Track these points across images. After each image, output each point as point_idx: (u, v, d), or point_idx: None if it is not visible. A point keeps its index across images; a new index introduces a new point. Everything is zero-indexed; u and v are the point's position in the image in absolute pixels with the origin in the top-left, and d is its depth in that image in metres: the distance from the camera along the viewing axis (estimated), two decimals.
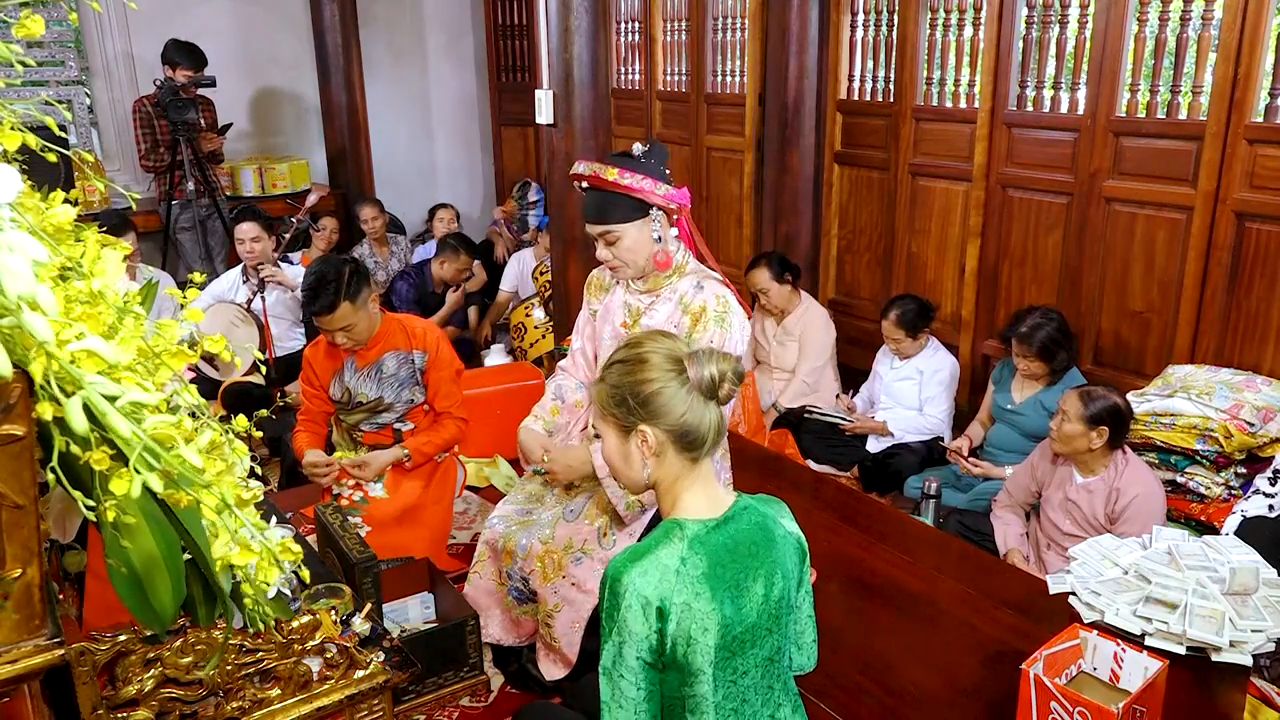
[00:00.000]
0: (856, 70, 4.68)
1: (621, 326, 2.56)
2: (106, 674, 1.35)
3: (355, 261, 3.05)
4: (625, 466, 1.58)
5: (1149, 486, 2.82)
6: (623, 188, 2.35)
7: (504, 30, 6.91)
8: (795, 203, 4.66)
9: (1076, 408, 2.82)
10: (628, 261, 2.45)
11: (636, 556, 1.47)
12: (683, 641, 1.46)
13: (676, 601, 1.45)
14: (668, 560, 1.46)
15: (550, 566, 2.51)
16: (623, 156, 2.42)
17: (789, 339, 4.34)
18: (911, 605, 2.38)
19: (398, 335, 3.10)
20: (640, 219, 2.40)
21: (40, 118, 1.23)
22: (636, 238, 2.41)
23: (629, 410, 1.52)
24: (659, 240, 2.43)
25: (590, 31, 3.43)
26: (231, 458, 1.22)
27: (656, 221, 2.42)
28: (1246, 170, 3.25)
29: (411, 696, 2.53)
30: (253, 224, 4.43)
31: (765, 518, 1.58)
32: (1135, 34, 3.53)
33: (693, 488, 1.56)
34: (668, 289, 2.50)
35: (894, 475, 3.82)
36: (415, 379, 3.12)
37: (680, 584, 1.45)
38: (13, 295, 0.85)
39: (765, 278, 4.23)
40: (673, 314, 2.47)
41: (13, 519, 1.05)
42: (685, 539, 1.49)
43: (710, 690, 1.49)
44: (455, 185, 7.08)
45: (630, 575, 1.45)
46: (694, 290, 2.46)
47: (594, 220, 2.43)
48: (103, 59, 5.66)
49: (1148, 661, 1.76)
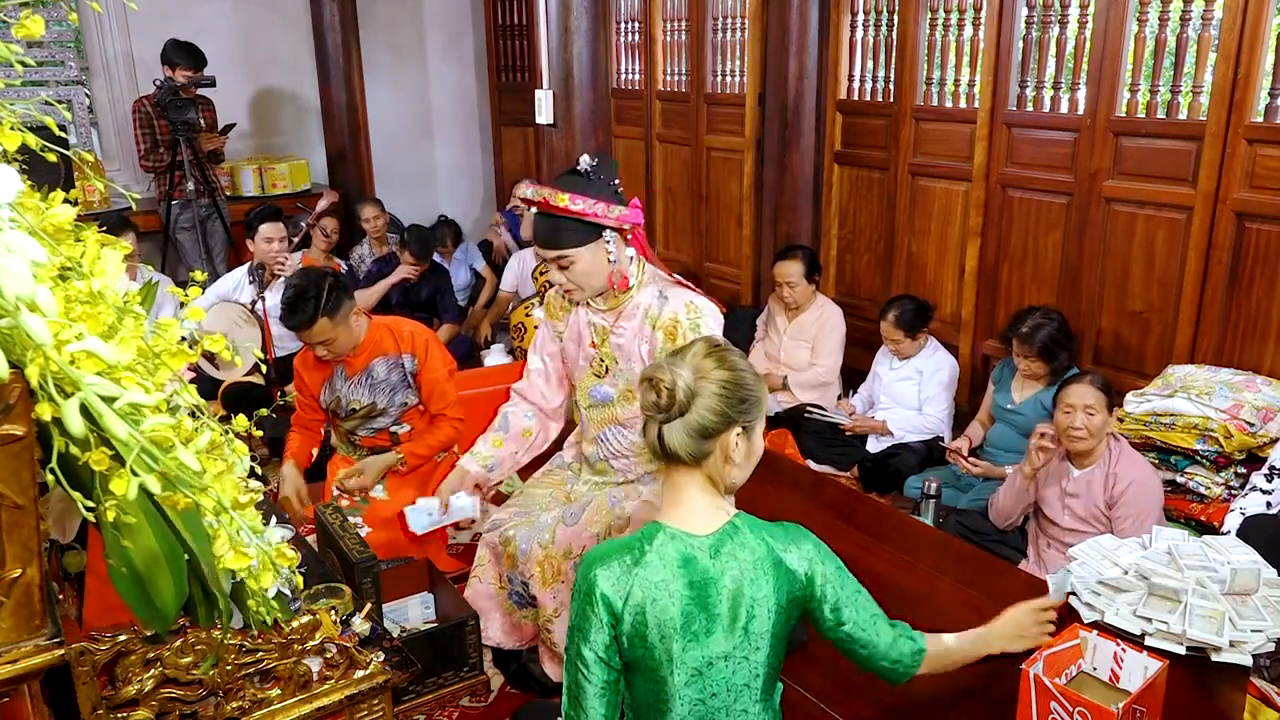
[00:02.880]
0: (856, 70, 4.68)
1: (590, 347, 2.53)
2: (106, 674, 1.35)
3: (335, 275, 3.01)
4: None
5: (1143, 470, 2.85)
6: (574, 213, 2.28)
7: (504, 30, 6.91)
8: (795, 203, 4.66)
9: (1098, 397, 2.81)
10: (582, 285, 2.40)
11: (606, 552, 1.51)
12: (639, 643, 1.49)
13: (631, 604, 1.47)
14: (630, 561, 1.50)
15: (550, 571, 2.51)
16: (572, 176, 2.35)
17: (802, 339, 4.34)
18: (911, 605, 2.37)
19: (386, 340, 3.08)
20: (594, 242, 2.34)
21: (40, 118, 1.23)
22: (591, 261, 2.35)
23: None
24: (614, 261, 2.37)
25: (590, 31, 3.43)
26: (231, 458, 1.22)
27: (610, 243, 2.35)
28: (1246, 170, 3.25)
29: (411, 696, 2.53)
30: (277, 224, 4.47)
31: (762, 545, 1.56)
32: (1135, 34, 3.53)
33: (689, 495, 1.57)
34: (630, 305, 2.45)
35: (894, 475, 3.82)
36: (407, 382, 3.11)
37: (637, 586, 1.48)
38: (11, 296, 0.84)
39: (798, 271, 4.26)
40: (640, 329, 2.43)
41: (13, 519, 1.05)
42: (657, 545, 1.51)
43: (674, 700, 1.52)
44: (455, 185, 7.07)
45: (595, 569, 1.49)
46: (658, 302, 2.41)
47: (546, 245, 2.37)
48: (103, 59, 5.66)
49: (1148, 661, 1.76)
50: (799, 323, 4.35)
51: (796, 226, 4.70)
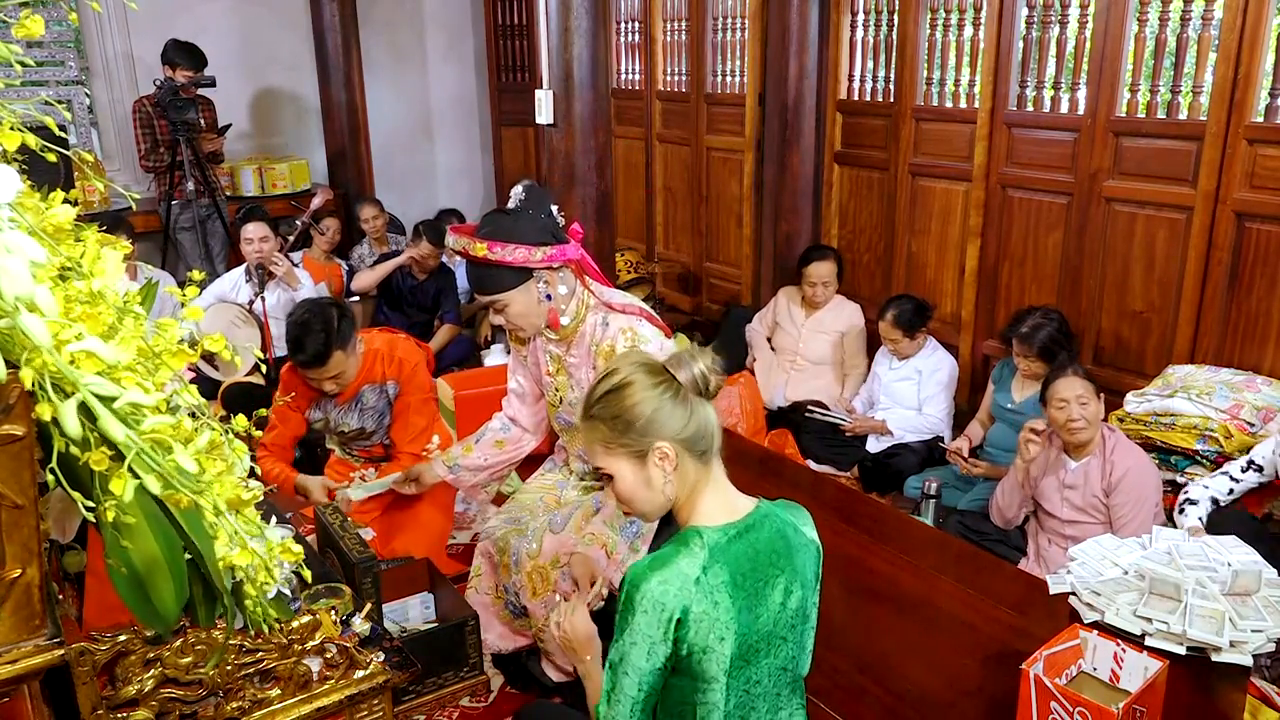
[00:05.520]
0: (856, 70, 4.68)
1: (547, 375, 2.55)
2: (106, 674, 1.35)
3: (341, 306, 2.95)
4: (648, 493, 1.55)
5: (1139, 457, 2.89)
6: (494, 262, 2.26)
7: (504, 30, 6.91)
8: (795, 203, 4.66)
9: (1086, 385, 2.85)
10: (522, 325, 2.41)
11: (657, 565, 1.47)
12: (699, 650, 1.46)
13: (695, 611, 1.44)
14: (689, 569, 1.46)
15: (539, 581, 2.52)
16: (497, 217, 2.32)
17: (820, 332, 4.36)
18: (911, 605, 2.38)
19: (376, 367, 3.05)
20: (524, 284, 2.33)
21: (40, 118, 1.22)
22: (524, 302, 2.35)
23: (639, 433, 1.51)
24: (548, 299, 2.37)
25: (590, 31, 3.42)
26: (231, 458, 1.22)
27: (542, 282, 2.34)
28: (1246, 170, 3.25)
29: (411, 696, 2.52)
30: (260, 224, 4.45)
31: (786, 525, 1.58)
32: (1135, 34, 3.53)
33: (708, 493, 1.56)
34: (578, 335, 2.46)
35: (894, 475, 3.82)
36: (390, 405, 3.12)
37: (700, 593, 1.45)
38: (10, 297, 0.84)
39: (831, 271, 4.34)
40: (587, 356, 2.44)
41: (13, 519, 1.05)
42: (706, 547, 1.49)
43: (722, 699, 1.49)
44: (455, 185, 7.07)
45: (650, 583, 1.44)
46: (600, 329, 2.42)
47: (477, 291, 2.39)
48: (103, 59, 5.66)
49: (1148, 661, 1.76)
50: (817, 316, 4.38)
51: (796, 226, 4.69)
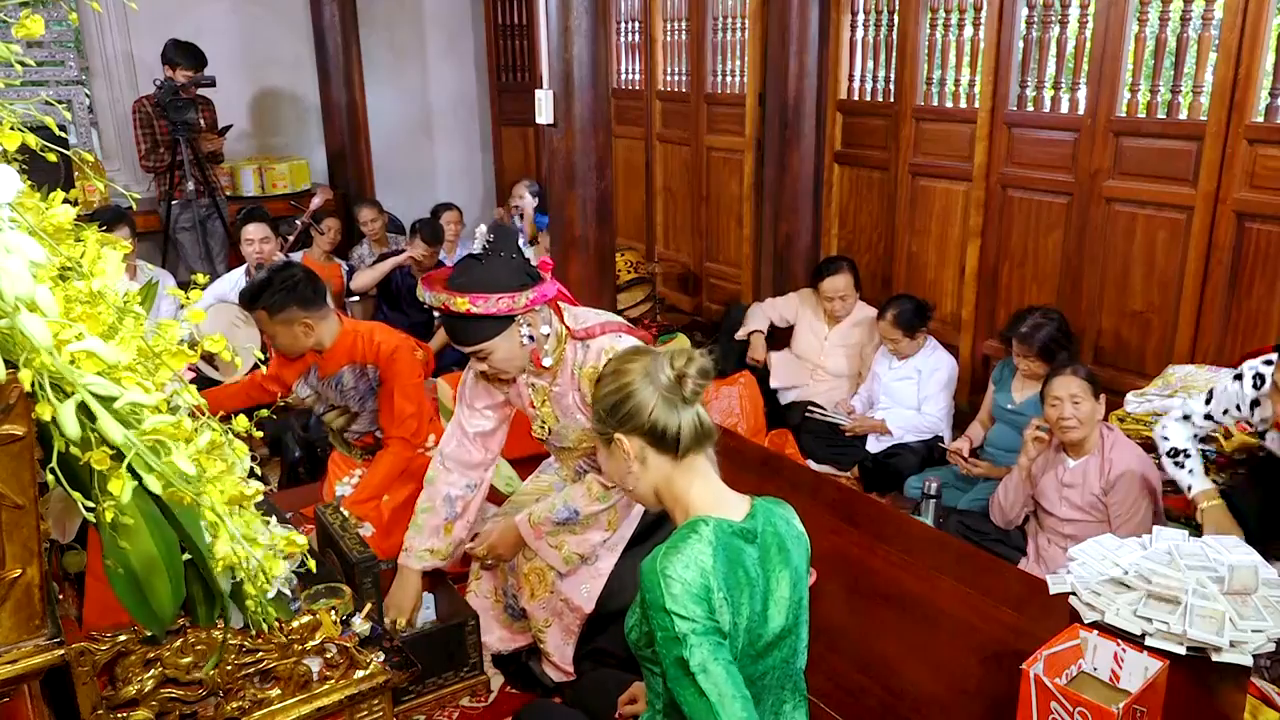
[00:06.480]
0: (856, 70, 4.68)
1: (531, 407, 2.54)
2: (106, 674, 1.35)
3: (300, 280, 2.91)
4: (624, 478, 1.61)
5: (1137, 456, 2.88)
6: (476, 314, 2.24)
7: (504, 30, 6.91)
8: (795, 203, 4.66)
9: (1082, 385, 2.85)
10: (505, 370, 2.38)
11: (671, 552, 1.45)
12: None
13: (716, 597, 1.44)
14: (701, 556, 1.44)
15: (537, 583, 2.51)
16: (471, 265, 2.28)
17: (842, 345, 4.32)
18: (911, 605, 2.38)
19: (355, 348, 3.04)
20: (506, 330, 2.30)
21: (40, 118, 1.22)
22: (507, 349, 2.33)
23: (604, 422, 1.57)
24: (531, 340, 2.35)
25: (590, 31, 3.42)
26: (231, 458, 1.22)
27: (525, 325, 2.33)
28: (1246, 170, 3.25)
29: (411, 696, 2.52)
30: (260, 225, 4.45)
31: (779, 519, 1.59)
32: (1135, 34, 3.54)
33: (694, 485, 1.56)
34: (560, 365, 2.44)
35: (894, 475, 3.82)
36: (374, 389, 3.11)
37: (714, 578, 1.45)
38: (10, 297, 0.84)
39: (847, 284, 4.25)
40: (571, 380, 2.42)
41: (13, 519, 1.04)
42: (710, 536, 1.47)
43: None
44: (455, 185, 7.07)
45: (673, 568, 1.42)
46: (581, 352, 2.41)
47: (459, 343, 2.36)
48: (103, 59, 5.66)
49: (1148, 661, 1.76)
50: (839, 329, 4.33)
51: (797, 226, 4.69)
